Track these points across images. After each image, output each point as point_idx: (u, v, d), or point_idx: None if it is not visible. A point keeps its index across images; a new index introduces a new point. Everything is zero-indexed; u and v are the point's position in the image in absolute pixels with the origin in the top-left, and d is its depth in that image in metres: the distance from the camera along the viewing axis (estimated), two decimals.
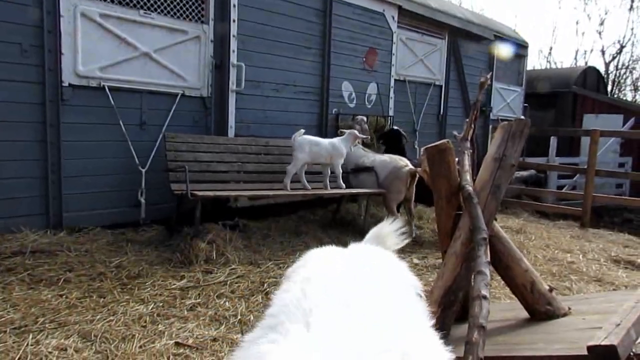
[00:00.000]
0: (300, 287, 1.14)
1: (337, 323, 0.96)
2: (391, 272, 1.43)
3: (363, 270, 1.31)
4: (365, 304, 1.07)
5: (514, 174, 2.65)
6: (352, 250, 1.55)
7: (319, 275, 1.22)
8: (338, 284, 1.16)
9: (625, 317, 1.77)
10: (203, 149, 5.18)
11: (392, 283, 1.33)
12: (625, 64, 21.55)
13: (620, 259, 5.53)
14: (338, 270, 1.28)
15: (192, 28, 5.28)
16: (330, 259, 1.41)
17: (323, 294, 1.08)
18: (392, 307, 1.14)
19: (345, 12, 6.89)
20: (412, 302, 1.31)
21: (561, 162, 10.33)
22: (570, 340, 1.80)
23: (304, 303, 1.04)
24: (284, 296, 1.15)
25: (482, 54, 9.80)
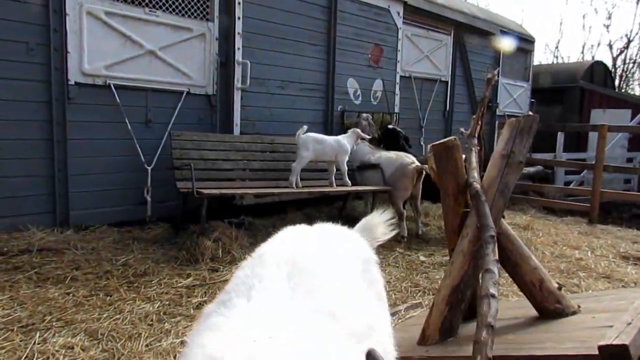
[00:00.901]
0: (251, 263, 1.26)
1: (274, 294, 1.09)
2: (343, 246, 1.50)
3: (313, 245, 1.40)
4: (305, 274, 1.17)
5: (522, 170, 2.62)
6: (319, 228, 1.64)
7: (271, 251, 1.32)
8: (286, 258, 1.24)
9: (637, 316, 1.74)
10: (208, 147, 5.18)
11: (339, 256, 1.42)
12: (632, 58, 21.35)
13: (629, 255, 5.48)
14: (290, 246, 1.37)
15: (197, 26, 5.27)
16: (289, 236, 1.50)
17: (270, 269, 1.19)
18: (330, 276, 1.24)
19: (351, 8, 6.85)
20: (352, 270, 1.39)
21: (568, 157, 10.25)
22: (581, 339, 1.77)
23: (249, 280, 1.15)
24: (238, 273, 1.26)
25: (488, 49, 9.72)
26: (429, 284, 4.09)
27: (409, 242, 5.49)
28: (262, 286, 1.11)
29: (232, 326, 1.00)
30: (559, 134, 10.14)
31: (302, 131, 5.19)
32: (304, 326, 0.99)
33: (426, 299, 3.74)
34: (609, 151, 9.75)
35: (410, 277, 4.33)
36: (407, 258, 4.90)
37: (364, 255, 1.54)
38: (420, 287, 4.07)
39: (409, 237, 5.60)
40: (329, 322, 1.04)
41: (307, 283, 1.14)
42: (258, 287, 1.11)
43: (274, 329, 0.95)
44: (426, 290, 3.97)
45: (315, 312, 1.04)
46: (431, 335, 2.34)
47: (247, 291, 1.11)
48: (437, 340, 2.31)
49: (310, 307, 1.05)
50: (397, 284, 4.12)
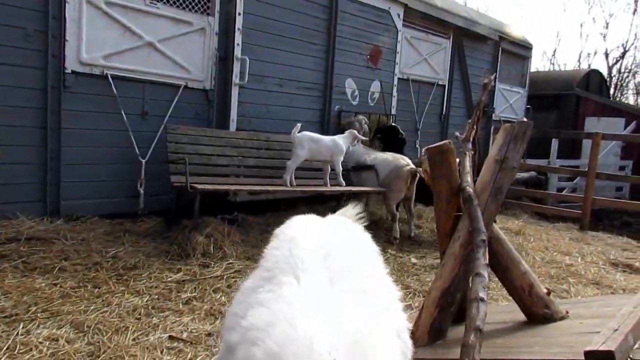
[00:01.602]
0: (287, 246, 1.40)
1: (317, 274, 1.24)
2: (357, 235, 1.73)
3: (336, 233, 1.60)
4: (337, 258, 1.34)
5: (515, 176, 2.63)
6: (329, 219, 1.85)
7: (301, 235, 1.48)
8: (318, 242, 1.41)
9: (624, 322, 1.76)
10: (204, 142, 5.16)
11: (358, 241, 1.66)
12: (628, 67, 21.52)
13: (618, 262, 5.53)
14: (317, 231, 1.56)
15: (197, 20, 5.25)
16: (311, 223, 1.69)
17: (307, 251, 1.34)
18: (358, 259, 1.43)
19: (351, 8, 6.85)
20: (371, 256, 1.61)
21: (562, 164, 10.31)
22: (568, 344, 1.79)
23: (291, 260, 1.30)
24: (275, 253, 1.41)
25: (487, 54, 9.76)
26: (420, 286, 4.10)
27: (401, 244, 5.51)
28: (305, 267, 1.25)
29: (290, 301, 1.14)
30: (554, 140, 10.20)
31: (297, 129, 5.18)
32: (347, 303, 1.16)
33: (416, 301, 3.75)
34: (602, 159, 9.82)
35: (401, 279, 4.33)
36: (398, 260, 4.91)
37: (371, 244, 1.73)
38: (410, 289, 4.08)
39: (401, 238, 5.62)
40: (364, 299, 1.21)
41: (340, 264, 1.31)
42: (301, 267, 1.26)
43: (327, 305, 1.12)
44: (417, 292, 3.98)
45: (352, 291, 1.21)
46: (420, 337, 2.35)
47: (293, 270, 1.25)
48: (426, 343, 2.32)
49: (347, 286, 1.22)
50: None
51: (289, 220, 1.73)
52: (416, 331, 2.37)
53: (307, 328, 1.02)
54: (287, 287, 1.19)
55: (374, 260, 1.58)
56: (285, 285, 1.20)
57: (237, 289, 1.44)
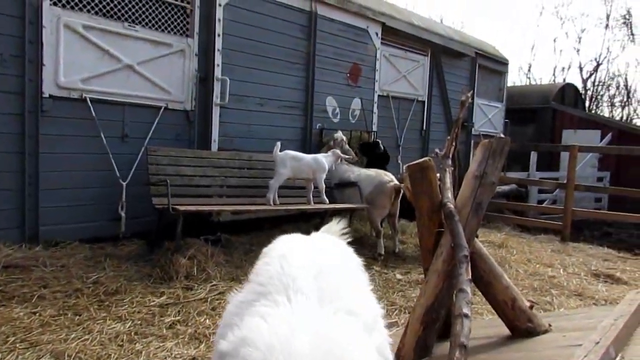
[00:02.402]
0: (279, 263, 1.43)
1: (308, 294, 1.28)
2: (343, 252, 1.78)
3: (323, 250, 1.65)
4: (327, 277, 1.37)
5: (494, 191, 2.68)
6: (314, 237, 1.90)
7: (293, 253, 1.52)
8: (309, 260, 1.45)
9: (605, 335, 1.78)
10: (185, 163, 5.13)
11: (345, 259, 1.71)
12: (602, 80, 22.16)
13: (599, 272, 5.60)
14: (308, 250, 1.60)
15: (176, 41, 5.26)
16: (298, 242, 1.72)
17: (299, 270, 1.37)
18: (346, 279, 1.48)
19: (330, 28, 6.96)
20: (357, 273, 1.67)
21: (541, 176, 10.51)
22: (551, 358, 1.80)
23: (283, 278, 1.34)
24: (268, 268, 1.44)
25: (464, 70, 9.97)
26: (405, 303, 4.10)
27: (386, 260, 5.51)
28: (297, 286, 1.29)
29: (283, 319, 1.18)
30: (532, 153, 10.40)
31: (278, 148, 5.21)
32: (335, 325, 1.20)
33: (402, 317, 3.74)
34: (580, 170, 10.05)
35: (386, 295, 4.33)
36: (383, 276, 4.91)
37: (356, 260, 1.79)
38: (396, 305, 4.07)
39: (386, 254, 5.62)
40: (352, 319, 1.25)
41: (329, 284, 1.35)
42: (293, 286, 1.29)
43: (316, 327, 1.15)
44: (402, 308, 3.97)
45: (341, 311, 1.25)
46: (406, 354, 2.34)
47: (285, 289, 1.29)
48: None
49: (336, 307, 1.26)
50: None
51: (277, 240, 1.77)
52: (402, 348, 2.37)
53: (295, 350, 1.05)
54: (281, 308, 1.23)
55: (360, 278, 1.63)
56: (280, 306, 1.24)
57: (226, 304, 1.48)
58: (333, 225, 2.16)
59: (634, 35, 21.08)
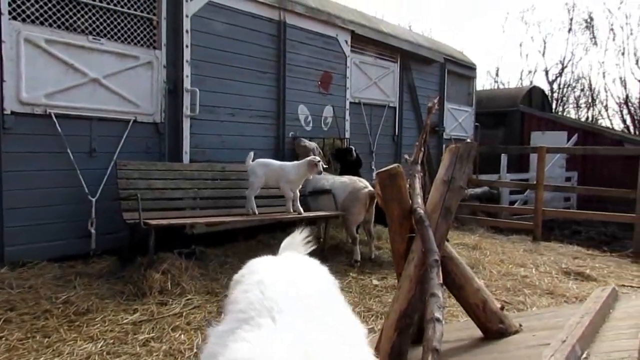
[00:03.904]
0: (258, 289, 1.42)
1: (293, 315, 1.27)
2: (319, 273, 1.76)
3: (300, 272, 1.65)
4: (308, 297, 1.38)
5: (463, 195, 2.72)
6: (287, 258, 1.89)
7: (271, 277, 1.50)
8: (288, 283, 1.45)
9: (571, 333, 1.83)
10: (157, 176, 5.06)
11: (322, 282, 1.67)
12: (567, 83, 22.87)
13: (570, 270, 5.74)
14: (285, 272, 1.59)
15: (143, 53, 5.20)
16: (272, 265, 1.70)
17: (280, 294, 1.36)
18: (325, 297, 1.49)
19: (299, 37, 6.99)
20: (335, 294, 1.66)
21: (512, 178, 10.75)
22: (520, 358, 1.83)
23: (265, 302, 1.32)
24: (247, 295, 1.42)
25: (434, 75, 10.15)
26: (382, 308, 4.11)
27: (362, 266, 5.53)
28: (281, 307, 1.28)
29: (270, 339, 1.16)
30: (503, 155, 10.64)
31: (250, 158, 5.23)
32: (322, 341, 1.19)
33: (379, 323, 3.74)
34: (549, 171, 10.32)
35: (363, 301, 4.34)
36: (360, 282, 4.92)
37: (333, 281, 1.79)
38: (373, 311, 4.08)
39: (362, 261, 5.64)
40: (336, 337, 1.25)
41: (314, 305, 1.35)
42: (277, 308, 1.28)
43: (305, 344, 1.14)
44: (379, 314, 3.98)
45: (328, 330, 1.25)
46: None
47: (268, 312, 1.27)
48: None
49: (320, 325, 1.26)
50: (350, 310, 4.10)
51: (249, 264, 1.75)
52: (377, 355, 2.37)
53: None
54: (265, 329, 1.21)
55: (337, 296, 1.64)
56: (263, 327, 1.22)
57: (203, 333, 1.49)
58: (296, 235, 2.14)
59: (596, 39, 21.85)
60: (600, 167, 12.14)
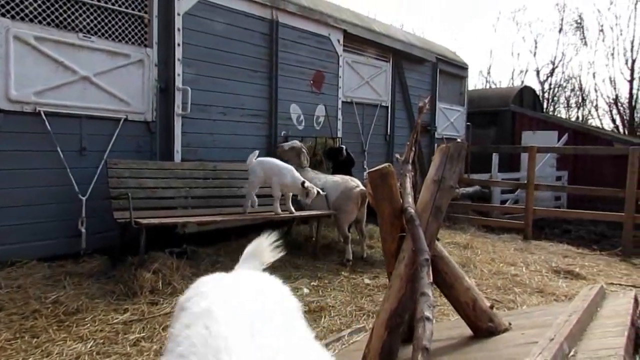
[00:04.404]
0: (203, 322, 1.18)
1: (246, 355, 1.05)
2: (279, 298, 1.51)
3: (255, 299, 1.38)
4: (265, 329, 1.16)
5: (453, 194, 2.74)
6: (241, 278, 1.64)
7: (219, 305, 1.26)
8: (240, 312, 1.22)
9: (559, 332, 1.84)
10: (148, 175, 5.03)
11: (283, 309, 1.42)
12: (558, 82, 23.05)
13: (560, 269, 5.80)
14: (234, 299, 1.33)
15: (134, 52, 5.17)
16: (223, 287, 1.45)
17: (229, 326, 1.13)
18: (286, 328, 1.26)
19: (292, 36, 6.98)
20: (298, 323, 1.41)
21: (503, 177, 10.82)
22: (509, 356, 1.85)
23: (212, 341, 1.08)
24: (189, 333, 1.18)
25: (426, 75, 10.18)
26: (374, 307, 4.13)
27: (354, 265, 5.54)
28: (230, 346, 1.06)
29: None
30: (494, 155, 10.71)
31: (254, 156, 5.38)
32: None
33: (370, 322, 3.76)
34: (539, 170, 10.40)
35: (355, 300, 4.35)
36: (352, 281, 4.93)
37: (296, 304, 1.55)
38: (364, 310, 4.10)
39: (354, 260, 5.65)
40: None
41: (271, 339, 1.13)
42: (226, 349, 1.06)
43: None
44: (371, 313, 4.00)
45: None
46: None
47: (215, 355, 1.05)
48: None
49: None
50: (342, 309, 4.12)
51: (197, 284, 1.51)
52: (367, 354, 2.38)
53: None
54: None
55: (301, 324, 1.42)
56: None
57: None
58: (263, 240, 1.94)
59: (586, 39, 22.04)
60: (591, 166, 12.24)
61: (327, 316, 3.95)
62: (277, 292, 1.53)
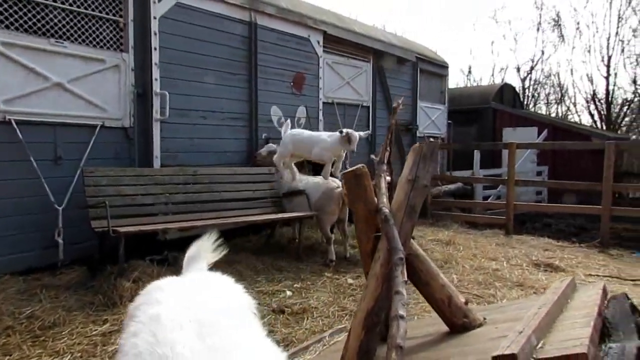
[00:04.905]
0: (149, 329, 1.14)
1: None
2: (230, 294, 1.50)
3: (206, 301, 1.35)
4: (214, 333, 1.12)
5: (427, 193, 2.75)
6: (191, 280, 1.59)
7: (165, 312, 1.22)
8: (188, 317, 1.17)
9: (528, 324, 1.87)
10: (126, 182, 4.97)
11: (234, 310, 1.39)
12: (538, 79, 23.36)
13: (540, 262, 5.87)
14: (183, 304, 1.28)
15: (110, 56, 5.10)
16: (172, 292, 1.40)
17: (177, 332, 1.10)
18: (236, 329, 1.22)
19: (270, 38, 6.97)
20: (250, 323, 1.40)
21: (485, 174, 10.93)
22: (483, 351, 1.87)
23: (157, 348, 1.05)
24: (136, 342, 1.12)
25: (406, 74, 10.24)
26: (356, 307, 4.12)
27: (337, 265, 5.54)
28: (177, 353, 1.03)
29: None
30: (475, 152, 10.82)
31: (288, 126, 5.98)
32: None
33: None
34: (520, 166, 10.54)
35: (337, 301, 4.35)
36: (335, 282, 4.94)
37: (249, 303, 1.53)
38: (347, 310, 4.10)
39: (337, 260, 5.66)
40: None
41: (221, 341, 1.11)
42: (173, 356, 1.03)
43: None
44: (353, 313, 3.99)
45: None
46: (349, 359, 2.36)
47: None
48: None
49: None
50: (325, 310, 4.12)
51: (147, 290, 1.47)
52: (345, 354, 2.38)
53: None
54: None
55: (254, 324, 1.41)
56: None
57: None
58: (204, 241, 1.92)
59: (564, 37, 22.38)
60: (570, 161, 12.43)
61: (309, 318, 3.95)
62: (227, 291, 1.51)
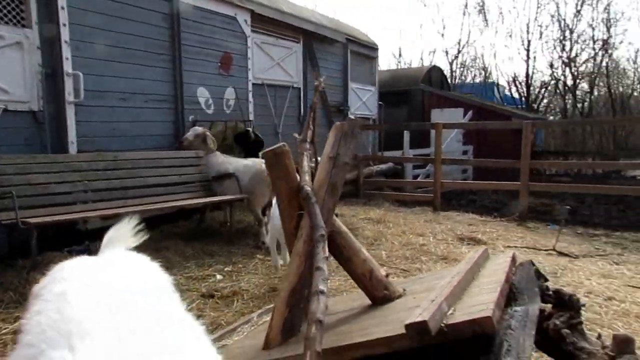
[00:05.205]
0: (55, 306, 1.06)
1: (104, 336, 0.93)
2: (146, 274, 1.42)
3: (119, 276, 1.28)
4: (126, 310, 1.06)
5: (348, 171, 2.78)
6: (104, 259, 1.52)
7: (75, 289, 1.14)
8: (96, 295, 1.10)
9: (440, 293, 1.95)
10: (37, 170, 4.62)
11: (149, 284, 1.33)
12: (464, 63, 24.36)
13: (464, 236, 6.19)
14: (94, 280, 1.21)
15: (10, 33, 4.66)
16: (82, 270, 1.33)
17: (86, 310, 1.02)
18: (152, 306, 1.16)
19: (195, 16, 6.69)
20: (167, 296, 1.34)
21: (415, 154, 11.30)
22: (398, 320, 1.92)
23: (63, 325, 0.97)
24: (39, 319, 1.04)
25: (337, 56, 10.28)
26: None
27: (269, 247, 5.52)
28: (84, 329, 0.94)
29: None
30: (405, 132, 11.14)
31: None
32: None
33: None
34: (447, 146, 11.00)
35: (269, 282, 4.35)
36: (267, 264, 4.92)
37: (165, 278, 1.46)
38: (277, 290, 4.09)
39: None
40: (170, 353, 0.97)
41: (133, 318, 1.04)
42: (78, 331, 0.94)
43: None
44: None
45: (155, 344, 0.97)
46: (274, 338, 2.35)
47: (67, 339, 0.92)
48: (280, 342, 2.33)
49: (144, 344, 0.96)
50: (255, 291, 4.11)
51: (54, 270, 1.36)
52: (270, 332, 2.37)
53: None
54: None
55: (171, 300, 1.34)
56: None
57: None
58: (122, 225, 1.84)
59: (488, 21, 23.41)
60: (493, 141, 13.14)
61: (239, 300, 3.91)
62: (143, 269, 1.44)
